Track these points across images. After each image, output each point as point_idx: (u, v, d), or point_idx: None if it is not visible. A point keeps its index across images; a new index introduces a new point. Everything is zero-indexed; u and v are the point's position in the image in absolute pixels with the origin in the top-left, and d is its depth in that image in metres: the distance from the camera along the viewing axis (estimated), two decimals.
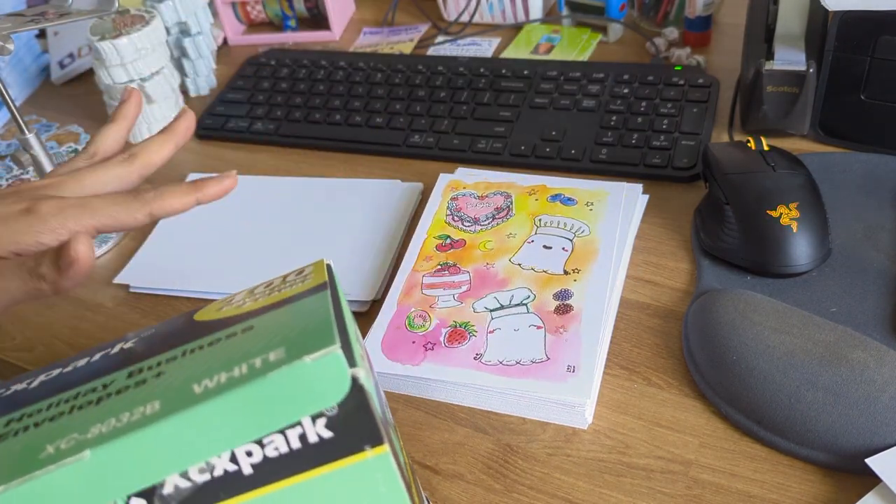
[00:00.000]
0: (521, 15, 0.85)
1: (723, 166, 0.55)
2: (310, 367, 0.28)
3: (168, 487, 0.29)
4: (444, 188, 0.62)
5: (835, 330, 0.45)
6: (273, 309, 0.33)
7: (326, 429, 0.29)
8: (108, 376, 0.32)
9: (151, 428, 0.28)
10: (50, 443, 0.29)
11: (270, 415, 0.29)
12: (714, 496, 0.43)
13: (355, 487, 0.31)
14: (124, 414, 0.29)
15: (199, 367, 0.30)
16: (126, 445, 0.28)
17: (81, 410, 0.30)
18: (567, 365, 0.48)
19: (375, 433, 0.30)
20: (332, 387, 0.29)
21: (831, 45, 0.59)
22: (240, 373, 0.29)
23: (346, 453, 0.30)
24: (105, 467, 0.28)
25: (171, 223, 0.67)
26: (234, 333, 0.32)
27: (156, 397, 0.29)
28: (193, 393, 0.28)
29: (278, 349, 0.29)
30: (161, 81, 0.75)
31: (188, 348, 0.32)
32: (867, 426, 0.42)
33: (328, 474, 0.30)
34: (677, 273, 0.56)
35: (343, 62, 0.81)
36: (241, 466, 0.29)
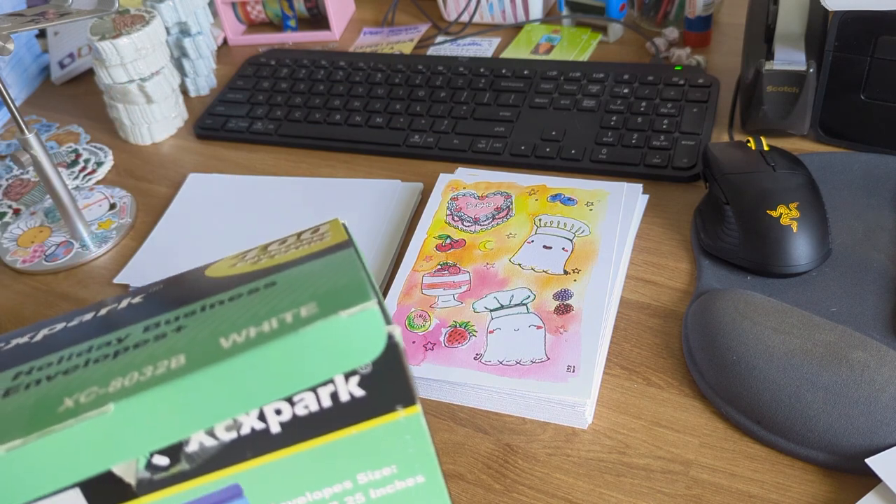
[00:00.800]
0: (521, 15, 0.85)
1: (723, 166, 0.55)
2: (345, 323, 0.27)
3: (193, 445, 0.28)
4: (444, 188, 0.62)
5: (835, 330, 0.45)
6: (295, 265, 0.31)
7: (359, 387, 0.28)
8: (122, 330, 0.31)
9: (178, 382, 0.27)
10: (68, 396, 0.27)
11: (303, 371, 0.28)
12: (714, 496, 0.43)
13: (386, 448, 0.30)
14: (147, 367, 0.28)
15: (223, 321, 0.29)
16: (151, 399, 0.27)
17: (98, 364, 0.29)
18: (567, 365, 0.48)
19: (408, 393, 0.29)
20: (367, 343, 0.28)
21: (831, 45, 0.59)
22: (270, 328, 0.28)
23: (377, 413, 0.29)
24: (129, 422, 0.27)
25: (171, 223, 0.67)
26: (256, 289, 0.30)
27: (180, 351, 0.28)
28: (221, 347, 0.27)
29: (309, 304, 0.28)
30: (161, 81, 0.75)
31: (207, 303, 0.31)
32: (867, 426, 0.42)
33: (358, 434, 0.29)
34: (677, 273, 0.56)
35: (343, 62, 0.81)
36: (270, 425, 0.28)
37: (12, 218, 0.72)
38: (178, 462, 0.28)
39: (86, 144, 0.80)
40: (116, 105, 0.76)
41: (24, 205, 0.73)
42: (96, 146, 0.79)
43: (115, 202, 0.71)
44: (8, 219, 0.72)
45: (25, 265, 0.66)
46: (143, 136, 0.78)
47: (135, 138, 0.78)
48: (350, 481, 0.31)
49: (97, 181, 0.75)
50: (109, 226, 0.68)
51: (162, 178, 0.74)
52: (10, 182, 0.76)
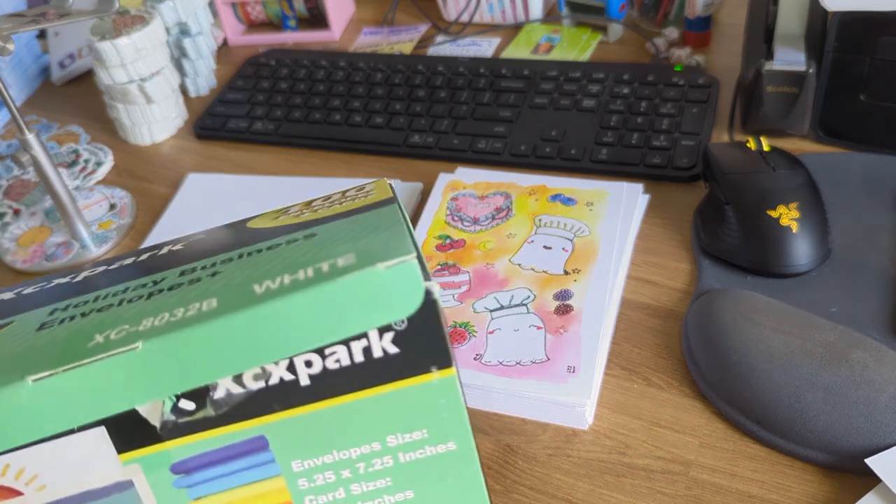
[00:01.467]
0: (521, 15, 0.85)
1: (723, 166, 0.55)
2: (382, 275, 0.26)
3: (220, 392, 0.28)
4: (444, 188, 0.62)
5: (835, 330, 0.45)
6: (337, 219, 0.31)
7: (393, 344, 0.27)
8: (159, 273, 0.30)
9: (209, 325, 0.26)
10: (99, 332, 0.27)
11: (336, 322, 0.27)
12: (714, 496, 0.43)
13: (417, 411, 0.29)
14: (178, 309, 0.27)
15: (259, 268, 0.28)
16: (180, 340, 0.26)
17: (132, 304, 0.28)
18: (567, 365, 0.48)
19: (444, 354, 0.28)
20: (404, 297, 0.27)
21: (831, 45, 0.59)
22: (305, 276, 0.27)
23: (411, 372, 0.28)
24: (157, 361, 0.27)
25: (171, 223, 0.67)
26: (295, 239, 0.30)
27: (213, 295, 0.27)
28: (254, 293, 0.27)
29: (347, 255, 0.27)
30: (161, 81, 0.75)
31: (245, 251, 0.30)
32: (867, 426, 0.42)
33: (389, 394, 0.28)
34: (677, 273, 0.56)
35: (343, 62, 0.81)
36: (299, 377, 0.28)
37: (12, 218, 0.72)
38: (204, 407, 0.28)
39: (86, 144, 0.80)
40: (116, 105, 0.76)
41: (24, 205, 0.73)
42: (96, 146, 0.79)
43: (115, 202, 0.71)
44: (8, 219, 0.72)
45: (25, 265, 0.66)
46: (143, 136, 0.78)
47: (135, 138, 0.78)
48: (379, 443, 0.30)
49: (97, 181, 0.75)
50: (109, 226, 0.69)
51: (162, 178, 0.74)
52: (10, 182, 0.76)
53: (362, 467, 0.30)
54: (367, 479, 0.30)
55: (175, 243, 0.33)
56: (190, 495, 0.30)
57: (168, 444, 0.28)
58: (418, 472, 0.30)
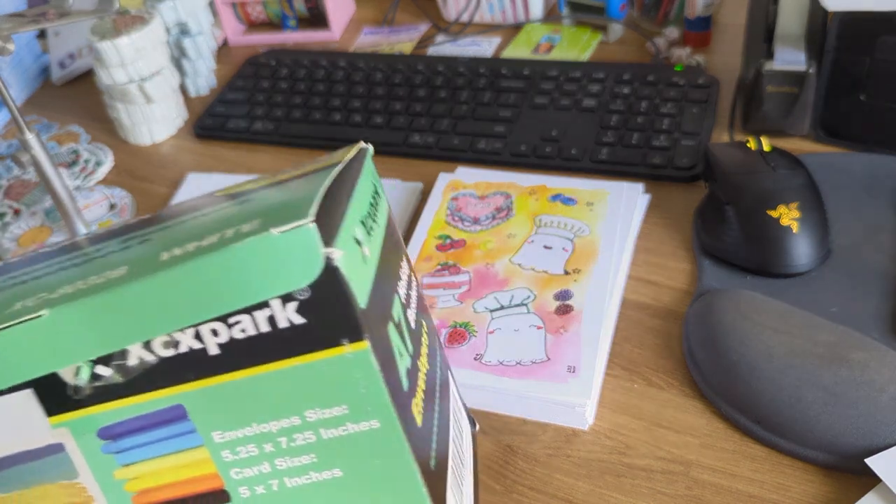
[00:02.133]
0: (521, 15, 0.85)
1: (723, 166, 0.55)
2: (276, 240, 0.26)
3: (132, 359, 0.28)
4: (444, 188, 0.62)
5: (835, 330, 0.45)
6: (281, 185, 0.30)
7: (298, 314, 0.27)
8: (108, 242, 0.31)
9: (111, 292, 0.27)
10: (21, 300, 0.28)
11: (234, 289, 0.27)
12: (714, 496, 0.43)
13: (333, 386, 0.29)
14: (92, 277, 0.28)
15: (178, 235, 0.29)
16: (84, 307, 0.27)
17: (65, 271, 0.29)
18: (567, 365, 0.48)
19: (354, 326, 0.27)
20: (302, 264, 0.26)
21: (831, 45, 0.59)
22: (209, 242, 0.27)
23: (320, 345, 0.28)
24: (64, 328, 0.27)
25: None
26: (230, 206, 0.30)
27: (125, 263, 0.28)
28: (160, 260, 0.27)
29: (254, 220, 0.27)
30: (161, 81, 0.75)
31: (186, 218, 0.30)
32: (867, 426, 0.42)
33: (302, 366, 0.28)
34: (678, 273, 0.56)
35: (343, 62, 0.81)
36: (207, 346, 0.28)
37: (12, 218, 0.72)
38: (119, 373, 0.29)
39: (86, 144, 0.80)
40: (116, 105, 0.76)
41: (24, 205, 0.73)
42: (96, 146, 0.79)
43: (115, 202, 0.71)
44: (8, 219, 0.72)
45: None
46: (143, 136, 0.78)
47: (135, 138, 0.78)
48: (298, 417, 0.29)
49: (97, 181, 0.75)
50: (109, 226, 0.68)
51: (162, 178, 0.74)
52: (10, 182, 0.76)
53: (284, 441, 0.30)
54: (290, 454, 0.30)
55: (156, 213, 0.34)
56: (118, 461, 0.31)
57: (93, 410, 0.29)
58: (343, 449, 0.30)
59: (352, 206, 0.29)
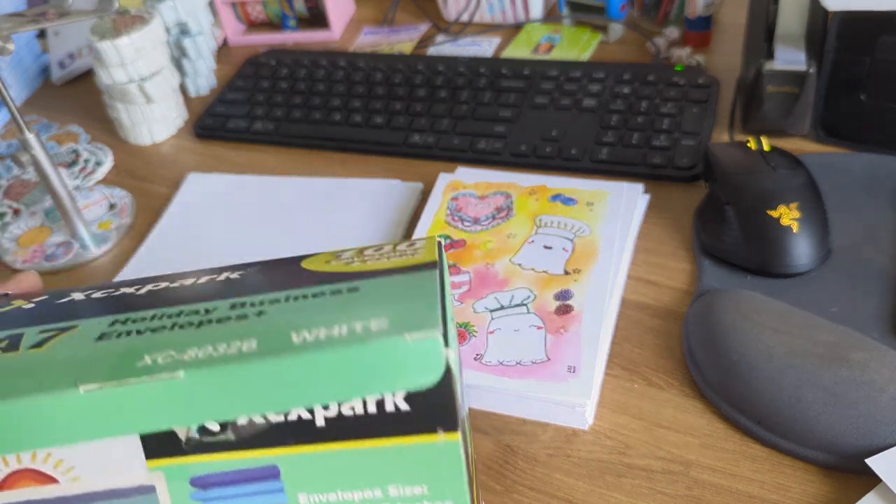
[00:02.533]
0: (521, 15, 0.85)
1: (723, 166, 0.55)
2: (409, 346, 0.28)
3: (243, 419, 0.30)
4: (444, 188, 0.62)
5: (835, 330, 0.45)
6: (381, 276, 0.33)
7: (406, 402, 0.29)
8: (212, 302, 0.33)
9: (244, 365, 0.28)
10: (148, 353, 0.30)
11: (359, 382, 0.29)
12: (714, 496, 0.43)
13: (420, 467, 0.31)
14: (221, 344, 0.29)
15: (300, 315, 0.30)
16: (217, 375, 0.29)
17: (182, 330, 0.31)
18: (567, 365, 0.48)
19: (452, 418, 0.30)
20: (425, 369, 0.29)
21: (831, 45, 0.59)
22: (339, 333, 0.29)
23: (418, 431, 0.30)
24: (193, 391, 0.29)
25: (171, 223, 0.67)
26: (339, 291, 0.32)
27: (254, 335, 0.30)
28: (291, 341, 0.29)
29: (381, 318, 0.29)
30: (161, 81, 0.75)
31: (293, 294, 0.32)
32: (867, 426, 0.42)
33: (396, 447, 0.30)
34: (678, 273, 0.56)
35: (343, 62, 0.81)
36: (315, 417, 0.30)
37: (12, 218, 0.72)
38: (227, 431, 0.30)
39: (86, 144, 0.80)
40: (116, 105, 0.76)
41: (24, 205, 0.73)
42: (96, 146, 0.79)
43: (115, 202, 0.71)
44: (8, 219, 0.72)
45: (25, 265, 0.66)
46: (143, 136, 0.78)
47: (135, 138, 0.78)
48: (380, 490, 0.32)
49: (97, 181, 0.75)
50: (109, 226, 0.69)
51: (162, 178, 0.74)
52: (10, 182, 0.76)
53: None
54: None
55: (234, 270, 0.36)
56: None
57: (191, 459, 0.31)
58: None
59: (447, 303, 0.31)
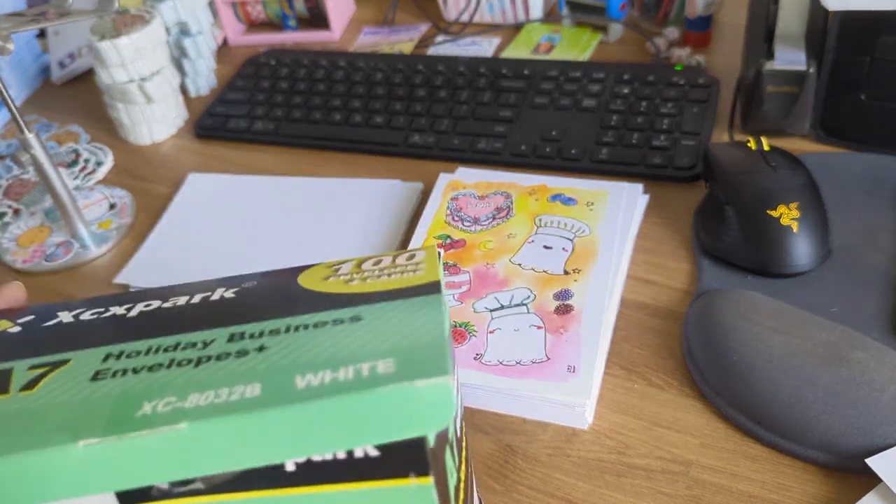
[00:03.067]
0: (521, 15, 0.85)
1: (723, 166, 0.55)
2: (418, 392, 0.28)
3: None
4: (445, 188, 0.62)
5: (835, 330, 0.45)
6: (383, 300, 0.32)
7: (375, 448, 0.29)
8: (209, 332, 0.32)
9: (249, 415, 0.28)
10: (148, 400, 0.29)
11: (365, 428, 0.28)
12: (714, 496, 0.43)
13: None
14: (223, 389, 0.29)
15: (303, 353, 0.30)
16: (221, 426, 0.28)
17: (180, 368, 0.30)
18: (567, 365, 0.48)
19: (423, 463, 0.29)
20: (434, 416, 0.28)
21: (831, 45, 0.59)
22: (345, 376, 0.28)
23: (389, 475, 0.30)
24: (196, 442, 0.28)
25: (171, 223, 0.67)
26: (341, 320, 0.31)
27: (257, 379, 0.29)
28: (295, 387, 0.28)
29: (387, 360, 0.29)
30: (161, 81, 0.75)
31: (293, 324, 0.32)
32: (867, 426, 0.42)
33: (367, 490, 0.30)
34: (678, 273, 0.56)
35: (343, 62, 0.81)
36: (286, 463, 0.29)
37: (12, 218, 0.72)
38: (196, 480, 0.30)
39: (86, 144, 0.80)
40: (116, 105, 0.76)
41: (24, 205, 0.73)
42: (96, 146, 0.79)
43: (115, 202, 0.71)
44: (8, 219, 0.72)
45: (25, 265, 0.66)
46: (143, 136, 0.78)
47: (135, 138, 0.78)
48: None
49: (97, 181, 0.75)
50: (109, 226, 0.69)
51: (162, 178, 0.74)
52: (10, 182, 0.76)
53: None
54: None
55: (228, 286, 0.35)
56: None
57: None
58: None
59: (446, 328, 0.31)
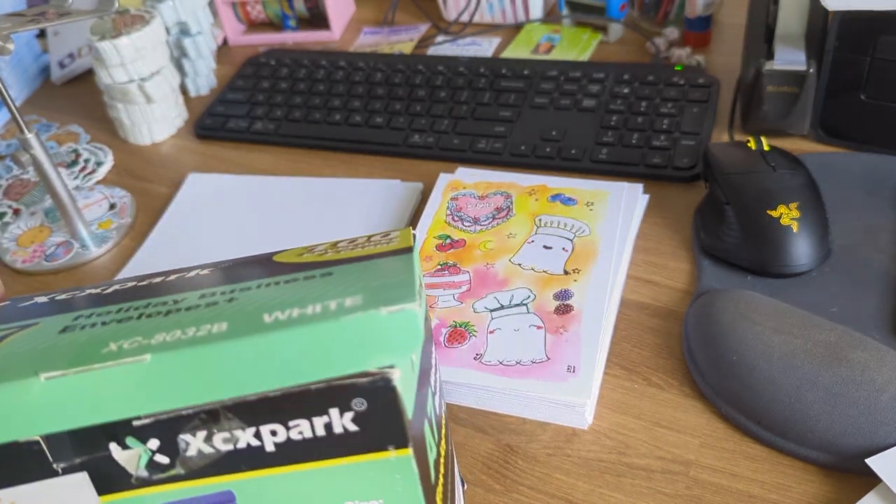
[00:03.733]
0: (521, 15, 0.85)
1: (723, 166, 0.55)
2: (385, 319, 0.28)
3: (192, 451, 0.30)
4: (445, 188, 0.62)
5: (835, 330, 0.45)
6: (356, 262, 0.33)
7: (353, 423, 0.29)
8: (181, 294, 0.32)
9: (215, 346, 0.28)
10: (114, 341, 0.29)
11: (334, 359, 0.28)
12: (714, 496, 0.43)
13: (374, 483, 0.31)
14: (191, 328, 0.29)
15: (272, 299, 0.30)
16: (186, 357, 0.28)
17: (150, 319, 0.31)
18: (567, 365, 0.48)
19: (402, 436, 0.30)
20: (402, 343, 0.28)
21: (831, 45, 0.59)
22: (313, 311, 0.29)
23: (368, 449, 0.30)
24: (163, 374, 0.28)
25: (171, 223, 0.67)
26: (312, 276, 0.32)
27: (224, 318, 0.29)
28: (263, 321, 0.29)
29: (356, 296, 0.29)
30: (161, 81, 0.75)
31: (264, 282, 0.32)
32: (867, 426, 0.42)
33: (348, 465, 0.30)
34: (678, 273, 0.56)
35: (343, 62, 0.81)
36: (265, 443, 0.30)
37: (12, 218, 0.72)
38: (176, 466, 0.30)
39: (86, 144, 0.80)
40: (116, 105, 0.76)
41: (24, 205, 0.73)
42: (96, 146, 0.79)
43: (115, 202, 0.71)
44: (8, 219, 0.72)
45: (25, 265, 0.66)
46: (143, 136, 0.78)
47: (135, 138, 0.78)
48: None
49: (97, 181, 0.75)
50: (109, 226, 0.69)
51: (162, 178, 0.74)
52: (10, 182, 0.76)
53: None
54: None
55: (204, 268, 0.36)
56: None
57: (144, 492, 0.31)
58: None
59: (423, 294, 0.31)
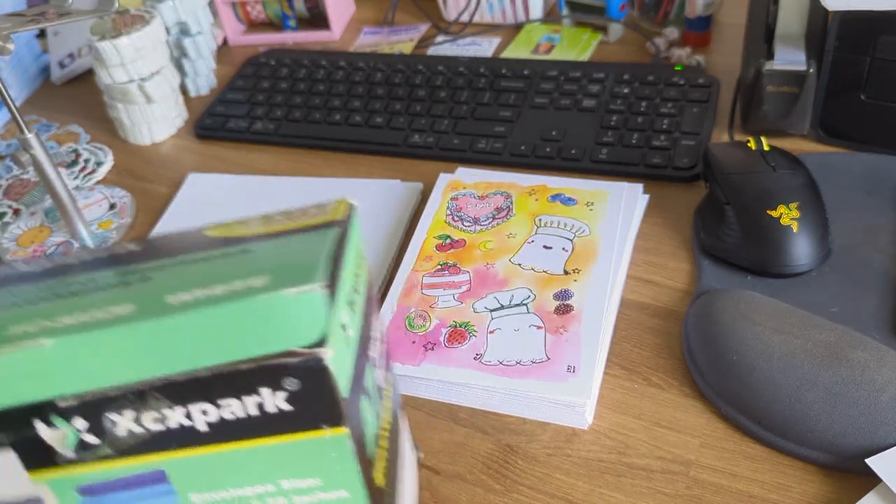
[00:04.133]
0: (521, 15, 0.85)
1: (723, 166, 0.55)
2: (288, 301, 0.27)
3: (121, 430, 0.29)
4: (444, 188, 0.62)
5: (835, 330, 0.45)
6: (278, 237, 0.32)
7: (286, 402, 0.29)
8: (102, 272, 0.32)
9: (115, 329, 0.27)
10: (17, 324, 0.29)
11: (238, 341, 0.28)
12: (714, 496, 0.43)
13: (309, 461, 0.31)
14: (95, 310, 0.28)
15: (182, 279, 0.29)
16: (87, 341, 0.28)
17: (60, 299, 0.30)
18: (567, 365, 0.48)
19: (336, 414, 0.29)
20: (307, 325, 0.28)
21: (831, 45, 0.59)
22: (219, 293, 0.28)
23: (302, 428, 0.30)
24: (63, 359, 0.28)
25: (171, 223, 0.67)
26: (230, 254, 0.31)
27: (130, 300, 0.29)
28: (167, 303, 0.28)
29: (263, 276, 0.28)
30: (161, 81, 0.75)
31: (182, 259, 0.31)
32: (867, 426, 0.42)
33: (283, 444, 0.30)
34: (678, 273, 0.56)
35: (343, 62, 0.81)
36: (196, 423, 0.29)
37: (12, 218, 0.72)
38: (104, 445, 0.30)
39: (86, 144, 0.80)
40: (116, 105, 0.76)
41: (24, 205, 0.73)
42: (96, 146, 0.79)
43: (115, 202, 0.71)
44: (8, 219, 0.72)
45: None
46: (143, 136, 0.78)
47: (135, 138, 0.78)
48: (273, 485, 0.32)
49: (97, 181, 0.75)
50: (109, 226, 0.69)
51: (162, 178, 0.74)
52: (10, 182, 0.76)
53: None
54: None
55: (140, 243, 0.35)
56: None
57: (73, 470, 0.30)
58: None
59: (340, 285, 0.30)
